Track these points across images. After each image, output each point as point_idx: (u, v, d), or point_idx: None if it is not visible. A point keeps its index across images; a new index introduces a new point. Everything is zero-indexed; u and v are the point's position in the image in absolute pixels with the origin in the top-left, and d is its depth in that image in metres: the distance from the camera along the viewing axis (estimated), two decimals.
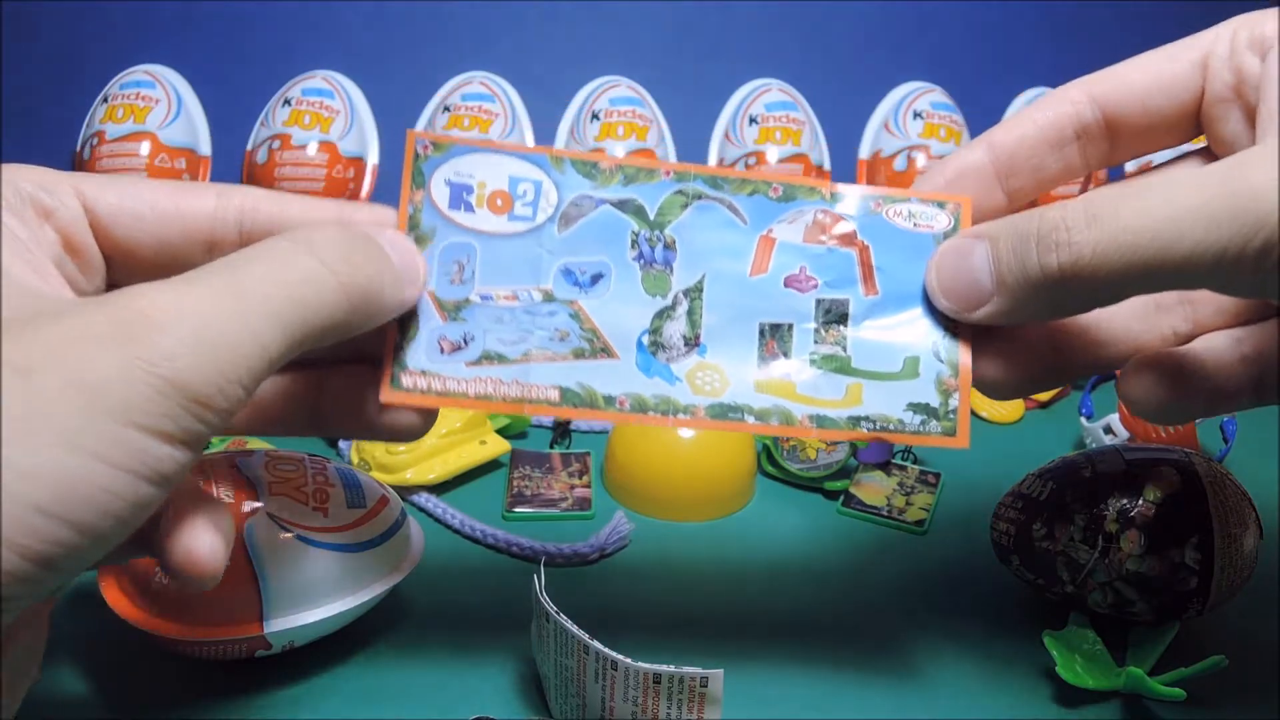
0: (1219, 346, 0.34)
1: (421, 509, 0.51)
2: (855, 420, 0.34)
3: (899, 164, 0.89)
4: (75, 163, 0.86)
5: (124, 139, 0.85)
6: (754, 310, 0.34)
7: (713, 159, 0.91)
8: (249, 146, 0.89)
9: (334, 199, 0.34)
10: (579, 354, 0.33)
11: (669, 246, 0.34)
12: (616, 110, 0.88)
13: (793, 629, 0.44)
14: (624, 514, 0.50)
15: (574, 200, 0.34)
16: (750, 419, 0.33)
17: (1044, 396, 0.63)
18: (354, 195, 0.88)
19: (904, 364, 0.34)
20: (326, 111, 0.88)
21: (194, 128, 0.89)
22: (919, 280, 0.34)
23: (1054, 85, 0.36)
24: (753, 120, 0.89)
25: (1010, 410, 0.62)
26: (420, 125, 0.90)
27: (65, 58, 0.89)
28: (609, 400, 0.33)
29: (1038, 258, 0.30)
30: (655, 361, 0.34)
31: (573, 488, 0.53)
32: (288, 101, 0.88)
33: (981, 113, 0.93)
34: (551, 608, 0.36)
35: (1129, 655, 0.41)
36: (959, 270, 0.33)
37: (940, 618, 0.45)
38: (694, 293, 0.34)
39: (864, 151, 0.93)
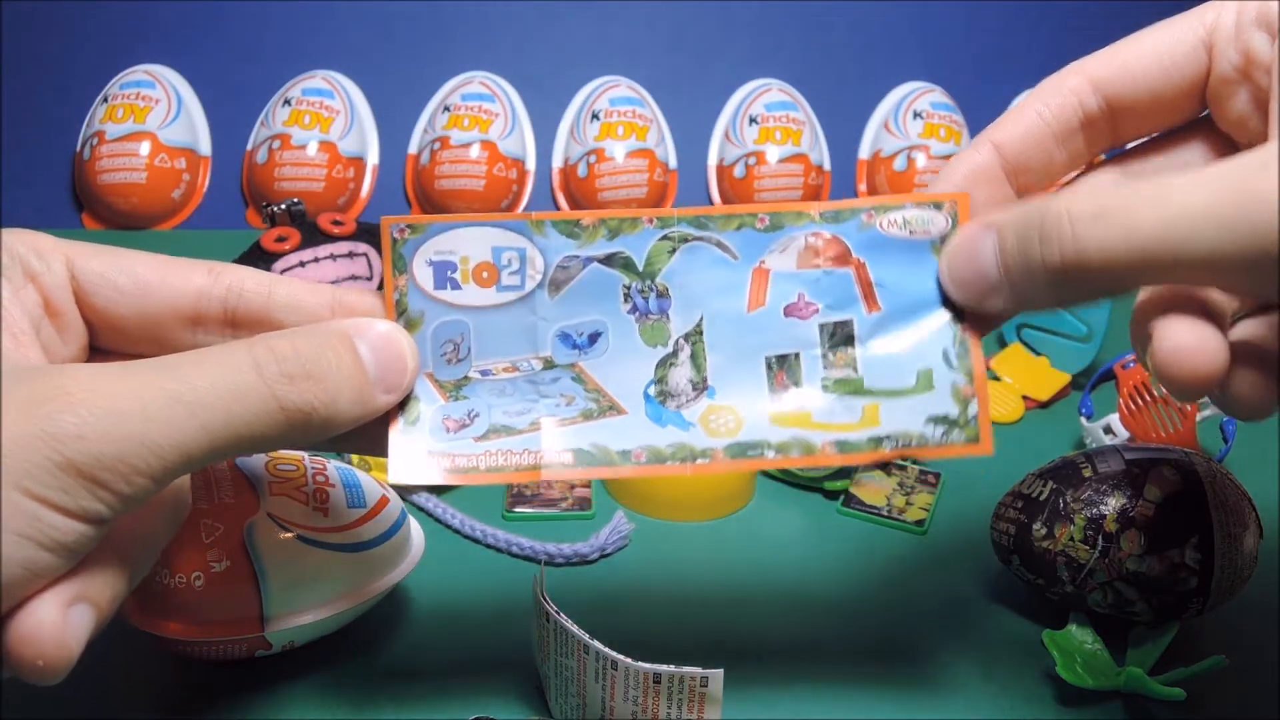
0: None
1: (421, 509, 0.51)
2: (876, 441, 0.33)
3: (899, 164, 0.89)
4: (75, 162, 0.86)
5: (124, 139, 0.85)
6: (758, 345, 0.34)
7: (713, 159, 0.91)
8: (249, 146, 0.89)
9: (328, 285, 0.33)
10: (588, 415, 0.33)
11: (662, 295, 0.34)
12: (616, 110, 0.88)
13: (793, 629, 0.44)
14: (624, 514, 0.50)
15: (560, 263, 0.33)
16: (770, 454, 0.33)
17: (1044, 396, 0.63)
18: (354, 195, 0.88)
19: (918, 377, 0.33)
20: (326, 111, 0.88)
21: (194, 128, 0.89)
22: (921, 290, 0.34)
23: None
24: (753, 120, 0.89)
25: (1010, 410, 0.62)
26: (420, 125, 0.90)
27: (65, 58, 0.89)
28: (624, 455, 0.33)
29: (1040, 251, 0.30)
30: (665, 410, 0.33)
31: (573, 488, 0.53)
32: (288, 101, 0.88)
33: (981, 113, 0.93)
34: (552, 607, 0.36)
35: (1129, 655, 0.41)
36: (969, 261, 0.32)
37: (940, 618, 0.45)
38: (694, 336, 0.34)
39: (864, 151, 0.93)
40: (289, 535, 0.37)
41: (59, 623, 0.26)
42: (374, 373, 0.31)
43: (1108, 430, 0.55)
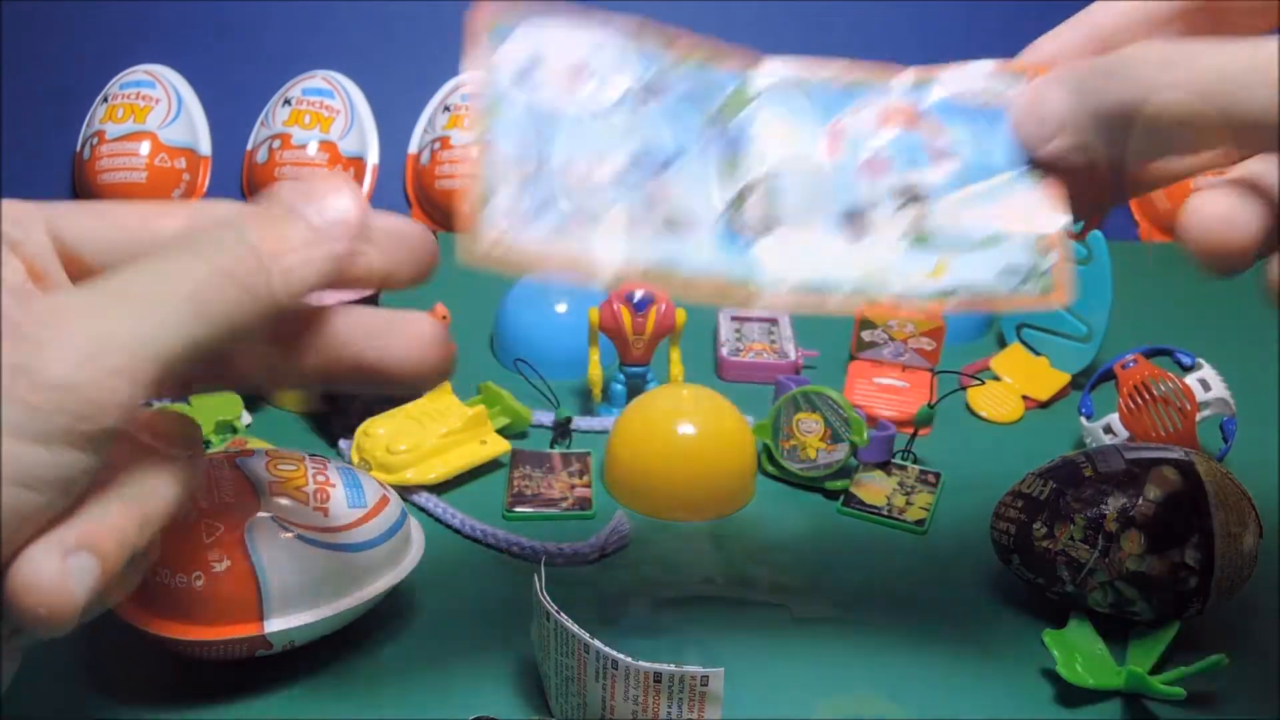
0: None
1: (421, 509, 0.51)
2: (945, 293, 0.33)
3: None
4: (75, 162, 0.86)
5: (124, 139, 0.85)
6: (830, 196, 0.34)
7: None
8: (249, 146, 0.89)
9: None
10: (658, 229, 0.32)
11: (740, 135, 0.34)
12: None
13: (793, 629, 0.44)
14: (624, 514, 0.50)
15: (647, 84, 0.33)
16: (836, 296, 0.33)
17: (1044, 396, 0.63)
18: None
19: (992, 233, 0.33)
20: (326, 111, 0.88)
21: (194, 128, 0.89)
22: (995, 153, 0.34)
23: None
24: None
25: (1010, 410, 0.62)
26: (420, 125, 0.90)
27: (65, 58, 0.89)
28: (690, 270, 0.32)
29: (1104, 92, 0.30)
30: (737, 240, 0.33)
31: (573, 487, 0.53)
32: (288, 101, 0.88)
33: None
34: (552, 607, 0.36)
35: (1129, 654, 0.41)
36: (1040, 102, 0.32)
37: (940, 618, 0.45)
38: (769, 180, 0.34)
39: None
40: (289, 535, 0.37)
41: (59, 568, 0.26)
42: (318, 217, 0.30)
43: (1108, 430, 0.55)
